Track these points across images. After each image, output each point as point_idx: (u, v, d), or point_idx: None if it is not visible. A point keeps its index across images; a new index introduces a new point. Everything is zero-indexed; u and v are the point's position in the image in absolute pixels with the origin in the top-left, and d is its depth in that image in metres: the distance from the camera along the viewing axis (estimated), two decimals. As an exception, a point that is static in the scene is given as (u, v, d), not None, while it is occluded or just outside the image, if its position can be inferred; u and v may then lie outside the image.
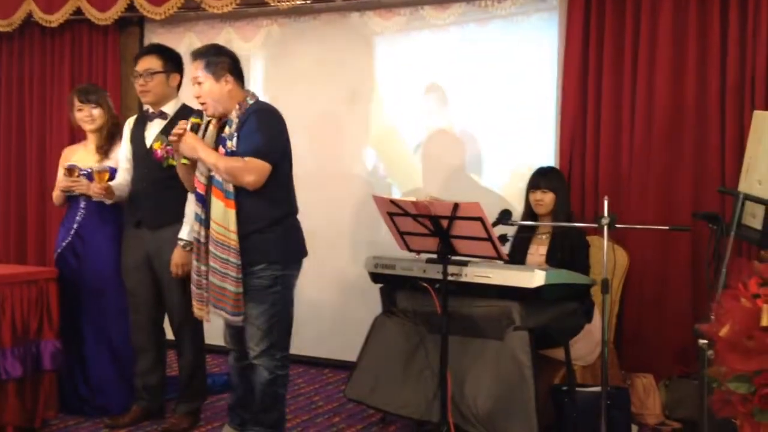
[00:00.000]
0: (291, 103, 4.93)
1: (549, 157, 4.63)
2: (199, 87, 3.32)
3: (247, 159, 3.23)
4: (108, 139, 4.11)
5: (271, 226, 3.31)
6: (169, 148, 3.73)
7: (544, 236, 4.01)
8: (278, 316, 3.35)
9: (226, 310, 3.32)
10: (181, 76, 3.95)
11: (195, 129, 3.34)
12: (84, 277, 4.06)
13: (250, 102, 3.35)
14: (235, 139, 3.28)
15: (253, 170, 3.23)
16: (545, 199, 3.95)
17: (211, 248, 3.31)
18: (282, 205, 3.36)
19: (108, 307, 4.08)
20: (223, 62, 3.32)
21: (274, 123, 3.34)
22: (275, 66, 5.29)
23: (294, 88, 5.22)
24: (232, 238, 3.25)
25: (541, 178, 4.00)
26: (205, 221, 3.35)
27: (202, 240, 3.36)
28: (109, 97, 4.22)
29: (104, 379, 4.08)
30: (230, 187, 3.26)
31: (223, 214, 3.27)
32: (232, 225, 3.25)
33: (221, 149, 3.30)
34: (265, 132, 3.28)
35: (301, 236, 3.47)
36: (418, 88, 5.02)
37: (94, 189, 3.90)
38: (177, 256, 3.70)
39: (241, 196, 3.28)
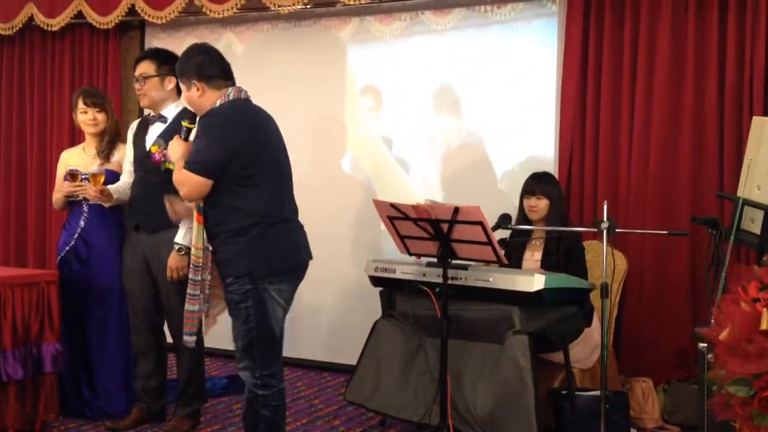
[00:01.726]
0: (291, 106, 4.96)
1: (548, 162, 4.64)
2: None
3: (182, 171, 3.13)
4: (109, 144, 4.13)
5: (234, 236, 3.14)
6: (166, 151, 3.74)
7: (538, 241, 4.01)
8: (254, 332, 3.14)
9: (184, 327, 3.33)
10: (175, 78, 3.94)
11: (186, 134, 3.29)
12: (89, 281, 4.07)
13: (217, 105, 3.17)
14: None
15: (183, 183, 3.14)
16: (540, 205, 3.95)
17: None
18: (245, 215, 3.13)
19: (112, 311, 4.09)
20: (188, 69, 3.20)
21: (212, 131, 3.12)
22: (276, 70, 5.31)
23: (295, 92, 5.23)
24: (193, 252, 3.24)
25: (536, 184, 3.99)
26: None
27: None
28: (110, 102, 4.26)
29: (107, 382, 4.08)
30: (201, 201, 3.19)
31: (196, 230, 3.23)
32: (195, 239, 3.22)
33: None
34: (202, 141, 3.13)
35: (280, 246, 3.19)
36: (418, 92, 5.03)
37: (90, 192, 3.92)
38: (172, 260, 3.71)
39: (207, 208, 3.19)
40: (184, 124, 3.31)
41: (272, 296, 3.17)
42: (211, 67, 3.22)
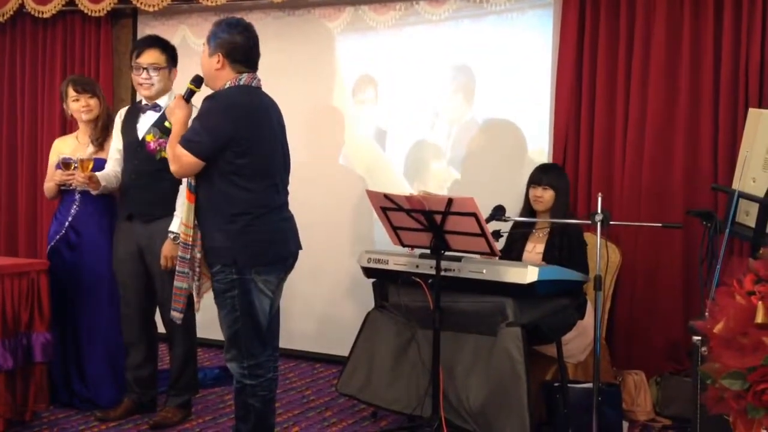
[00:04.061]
0: (286, 97, 4.88)
1: (543, 154, 4.63)
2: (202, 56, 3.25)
3: (178, 147, 3.09)
4: (103, 131, 4.09)
5: (223, 224, 3.11)
6: (161, 140, 3.72)
7: (541, 233, 3.99)
8: (240, 322, 3.13)
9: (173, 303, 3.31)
10: (176, 71, 3.95)
11: (188, 95, 3.26)
12: (79, 270, 4.04)
13: (226, 86, 3.17)
14: None
15: (176, 160, 3.11)
16: (545, 196, 3.92)
17: None
18: (236, 202, 3.10)
19: (102, 300, 4.06)
20: (222, 40, 3.17)
21: (213, 113, 3.09)
22: (269, 60, 5.24)
23: (288, 81, 5.19)
24: (182, 230, 3.19)
25: (542, 175, 3.95)
26: None
27: None
28: (101, 87, 4.23)
29: (96, 372, 4.06)
30: (192, 179, 3.16)
31: (182, 206, 3.21)
32: (185, 218, 3.17)
33: None
34: (199, 122, 3.11)
35: (268, 236, 3.17)
36: (413, 83, 5.01)
37: (78, 178, 3.87)
38: (167, 249, 3.68)
39: (199, 190, 3.16)
40: (189, 85, 3.27)
41: (258, 287, 3.15)
42: (242, 51, 3.20)
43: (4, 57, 6.02)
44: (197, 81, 3.27)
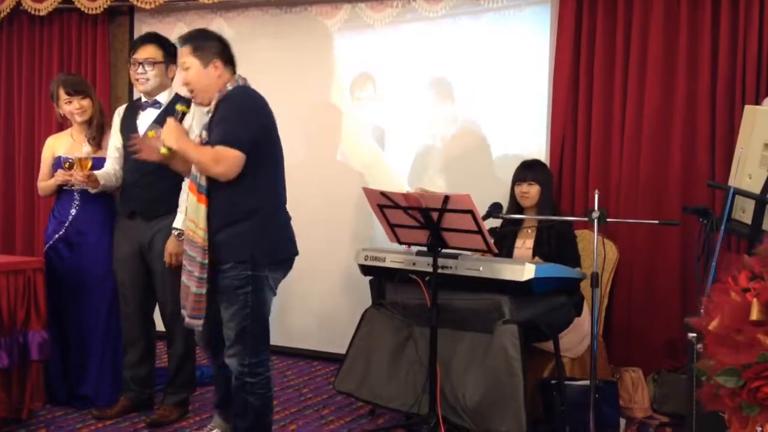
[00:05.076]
0: (282, 93, 4.90)
1: (540, 151, 4.63)
2: (186, 73, 3.21)
3: (216, 148, 3.06)
4: (98, 129, 4.07)
5: (241, 220, 3.12)
6: None
7: (530, 230, 4.00)
8: (250, 319, 3.13)
9: (186, 310, 3.23)
10: (176, 67, 3.94)
11: (181, 117, 3.27)
12: (80, 269, 4.01)
13: (230, 88, 3.18)
14: (209, 128, 3.20)
15: (222, 160, 3.06)
16: (531, 191, 3.96)
17: (185, 246, 3.24)
18: (253, 197, 3.13)
19: (103, 299, 4.03)
20: (211, 46, 3.19)
21: (244, 109, 3.14)
22: (266, 57, 5.26)
23: (285, 79, 5.19)
24: (200, 235, 3.13)
25: (527, 171, 4.00)
26: None
27: None
28: (91, 86, 4.23)
29: (98, 372, 4.04)
30: (203, 180, 3.13)
31: (195, 210, 3.16)
32: (202, 221, 3.13)
33: (197, 139, 3.24)
34: (233, 119, 3.10)
35: (280, 234, 3.21)
36: (411, 80, 5.01)
37: (77, 177, 3.84)
38: (171, 245, 3.67)
39: (213, 190, 3.14)
40: (179, 108, 3.29)
41: (269, 284, 3.18)
42: (228, 50, 3.26)
43: (0, 55, 6.01)
44: (187, 102, 3.32)
